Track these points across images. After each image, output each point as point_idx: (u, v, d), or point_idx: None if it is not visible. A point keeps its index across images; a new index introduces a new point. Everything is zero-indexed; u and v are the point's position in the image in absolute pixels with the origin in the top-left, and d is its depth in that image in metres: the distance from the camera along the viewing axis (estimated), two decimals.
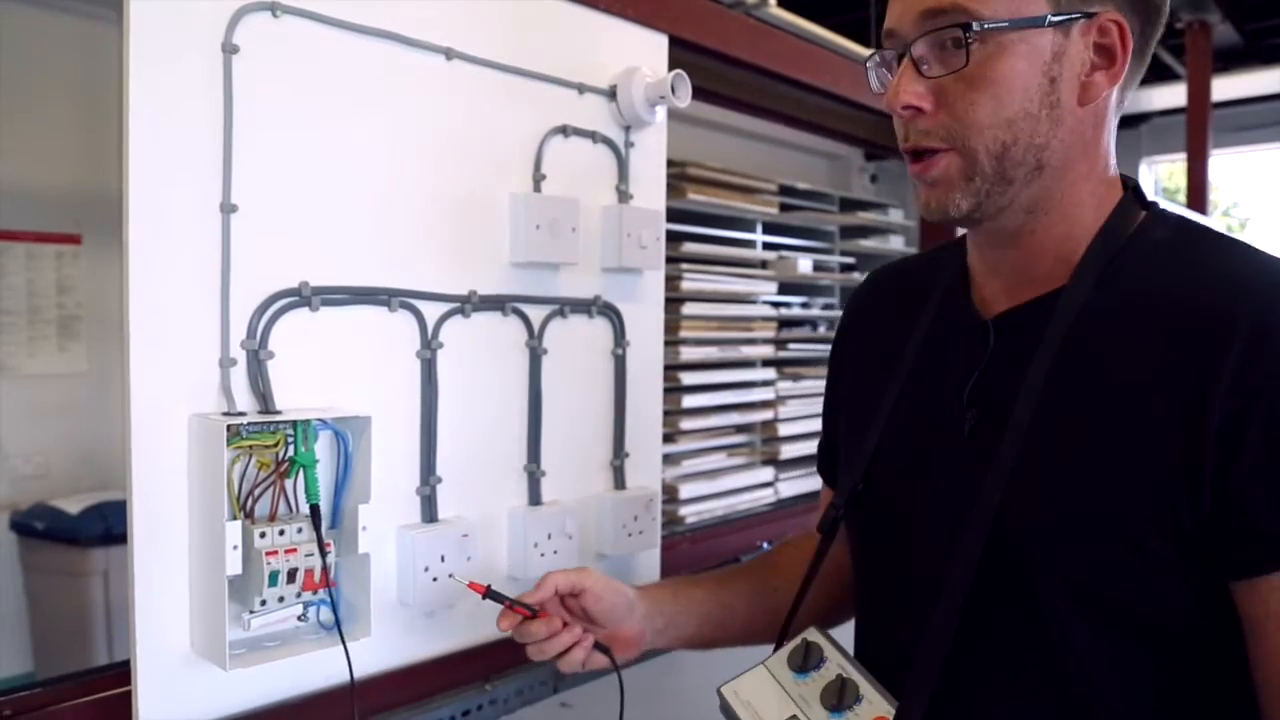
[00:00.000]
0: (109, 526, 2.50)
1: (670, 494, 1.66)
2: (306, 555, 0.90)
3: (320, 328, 0.96)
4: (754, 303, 1.92)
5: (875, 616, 0.85)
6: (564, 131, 1.17)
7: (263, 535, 0.88)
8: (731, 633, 0.99)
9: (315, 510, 0.91)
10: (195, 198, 0.87)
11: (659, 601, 0.96)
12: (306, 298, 0.95)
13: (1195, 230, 0.73)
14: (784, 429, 1.95)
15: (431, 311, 1.05)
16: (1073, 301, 0.70)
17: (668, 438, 1.64)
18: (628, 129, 1.25)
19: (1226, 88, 5.45)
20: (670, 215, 1.37)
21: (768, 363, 1.94)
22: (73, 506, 2.54)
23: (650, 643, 0.97)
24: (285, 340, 0.93)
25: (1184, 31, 4.83)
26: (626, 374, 1.27)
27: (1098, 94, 0.70)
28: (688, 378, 1.72)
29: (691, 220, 1.76)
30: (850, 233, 2.29)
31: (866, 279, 1.00)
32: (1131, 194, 0.75)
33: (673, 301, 1.67)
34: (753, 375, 1.89)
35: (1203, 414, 0.62)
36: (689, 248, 1.74)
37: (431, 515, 1.05)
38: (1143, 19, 0.72)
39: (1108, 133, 0.74)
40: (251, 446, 0.88)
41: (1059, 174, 0.72)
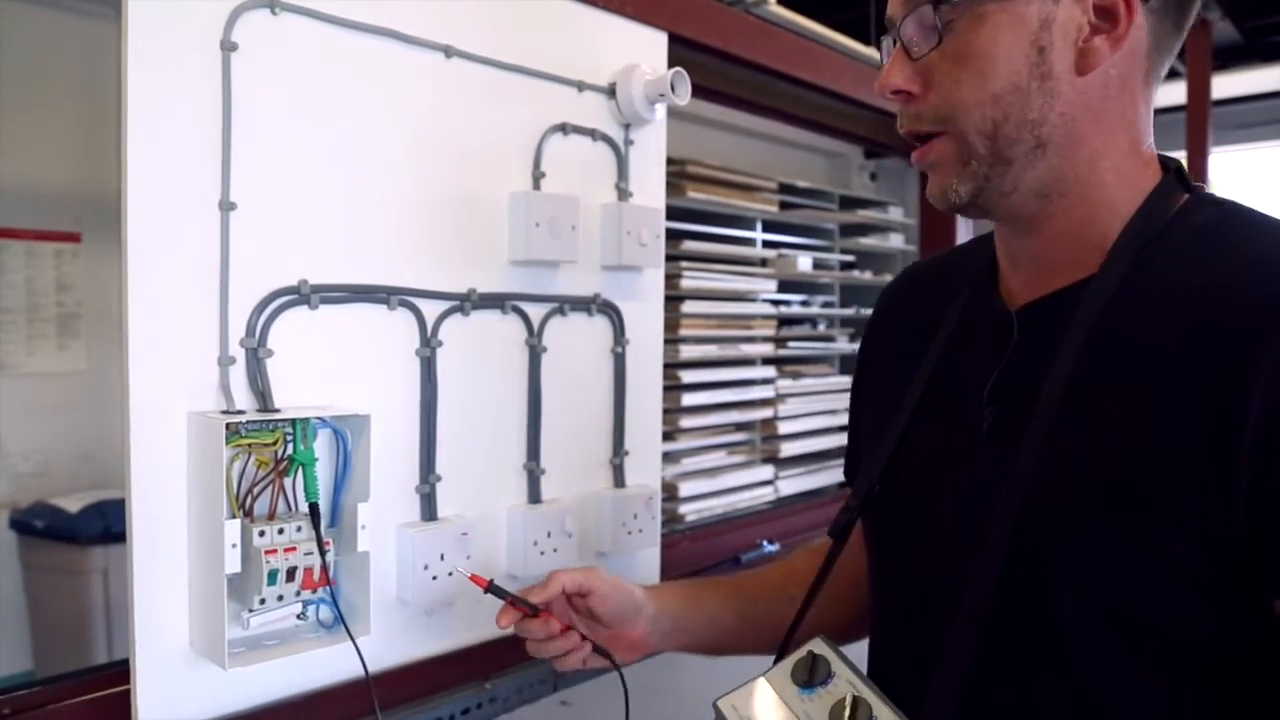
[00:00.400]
0: (108, 525, 2.49)
1: (670, 492, 1.66)
2: (306, 554, 0.89)
3: (319, 326, 0.96)
4: (754, 301, 1.92)
5: (888, 626, 0.81)
6: (563, 129, 1.17)
7: (262, 534, 0.88)
8: (743, 641, 0.96)
9: (314, 509, 0.91)
10: (194, 196, 0.87)
11: (668, 604, 0.95)
12: (305, 296, 0.95)
13: (1240, 213, 0.67)
14: (784, 427, 1.95)
15: (431, 310, 1.05)
16: (1101, 291, 0.66)
17: (667, 436, 1.64)
18: (627, 127, 1.25)
19: (1226, 85, 5.45)
20: (670, 213, 1.37)
21: (768, 361, 1.94)
22: (72, 505, 2.54)
23: (656, 646, 0.96)
24: (284, 338, 0.93)
25: None
26: (626, 372, 1.26)
27: (1098, 60, 0.65)
28: (687, 376, 1.71)
29: (691, 218, 1.76)
30: (850, 230, 2.29)
31: (897, 276, 0.96)
32: (1174, 176, 0.70)
33: (672, 299, 1.67)
34: (752, 373, 1.89)
35: (1239, 409, 0.57)
36: (688, 246, 1.73)
37: (431, 513, 1.05)
38: None
39: (1132, 105, 0.68)
40: (250, 445, 0.88)
41: (1067, 152, 0.67)
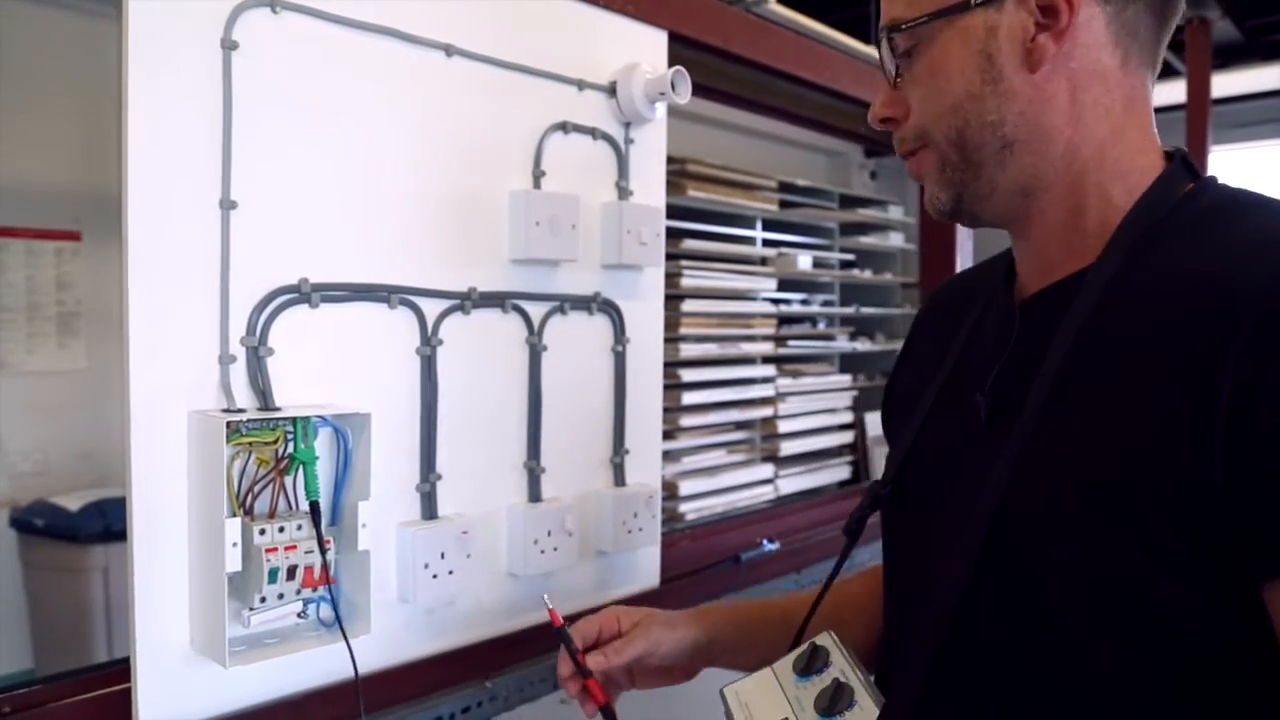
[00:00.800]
0: (108, 523, 2.50)
1: (670, 491, 1.67)
2: (306, 552, 0.89)
3: (320, 324, 0.96)
4: (754, 299, 1.92)
5: (893, 622, 0.82)
6: (564, 128, 1.17)
7: (262, 532, 0.88)
8: None
9: (315, 507, 0.91)
10: (194, 194, 0.87)
11: (720, 633, 0.95)
12: (306, 294, 0.95)
13: (1242, 199, 0.67)
14: (784, 425, 1.96)
15: (431, 308, 1.05)
16: (1097, 280, 0.66)
17: (668, 434, 1.64)
18: (627, 125, 1.25)
19: (1226, 84, 5.44)
20: (670, 212, 1.37)
21: (768, 359, 1.94)
22: (72, 503, 2.54)
23: (706, 666, 0.96)
24: (285, 337, 0.93)
25: (1183, 28, 4.83)
26: (626, 371, 1.27)
27: (1045, 56, 0.67)
28: (688, 375, 1.72)
29: (691, 217, 1.76)
30: (850, 229, 2.29)
31: (932, 293, 0.97)
32: (1180, 164, 0.70)
33: (673, 298, 1.67)
34: (752, 372, 1.89)
35: (1213, 392, 0.56)
36: (689, 244, 1.74)
37: (431, 512, 1.05)
38: None
39: (1107, 94, 0.68)
40: (251, 443, 0.88)
41: (1037, 147, 0.69)
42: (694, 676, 0.97)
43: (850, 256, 2.26)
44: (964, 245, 1.89)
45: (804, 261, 2.07)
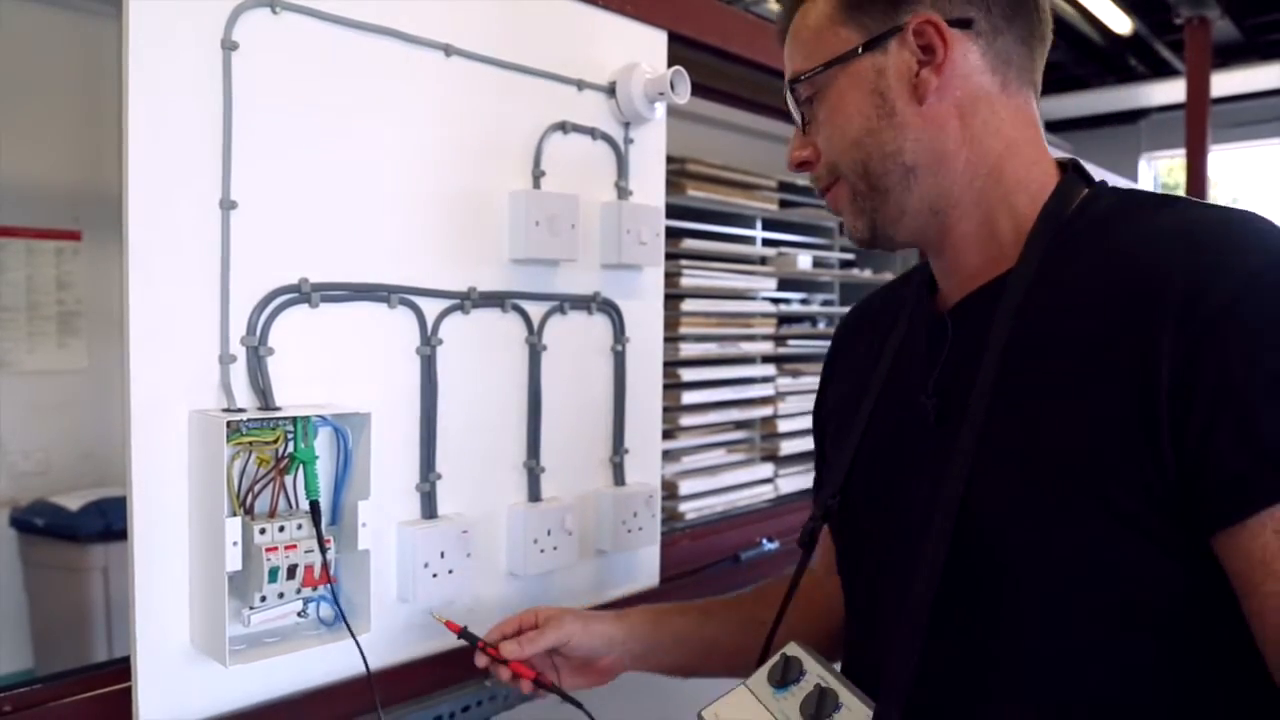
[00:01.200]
0: (109, 523, 2.50)
1: (670, 490, 1.67)
2: (306, 551, 0.90)
3: (320, 324, 0.96)
4: (753, 299, 1.93)
5: (856, 628, 0.85)
6: (563, 128, 1.17)
7: (263, 531, 0.88)
8: (712, 664, 0.99)
9: (315, 506, 0.91)
10: (195, 194, 0.88)
11: (639, 629, 0.97)
12: (306, 294, 0.95)
13: (1138, 197, 0.74)
14: (783, 425, 1.96)
15: (431, 308, 1.05)
16: (1020, 281, 0.72)
17: (667, 434, 1.64)
18: (627, 125, 1.25)
19: (1226, 83, 5.44)
20: (670, 211, 1.37)
21: (767, 359, 1.94)
22: (72, 503, 2.54)
23: (627, 668, 0.98)
24: (285, 337, 0.93)
25: (1183, 27, 4.82)
26: (626, 370, 1.27)
27: (929, 89, 0.74)
28: (687, 374, 1.72)
29: (691, 216, 1.76)
30: None
31: (849, 311, 1.03)
32: (1074, 173, 0.77)
33: (672, 298, 1.67)
34: (752, 371, 1.89)
35: (1154, 368, 0.61)
36: (688, 244, 1.74)
37: (431, 511, 1.06)
38: (981, 2, 0.74)
39: (994, 116, 0.75)
40: (251, 443, 0.88)
41: (938, 170, 0.75)
42: (612, 677, 0.98)
43: (850, 256, 2.26)
44: None
45: (804, 261, 2.07)
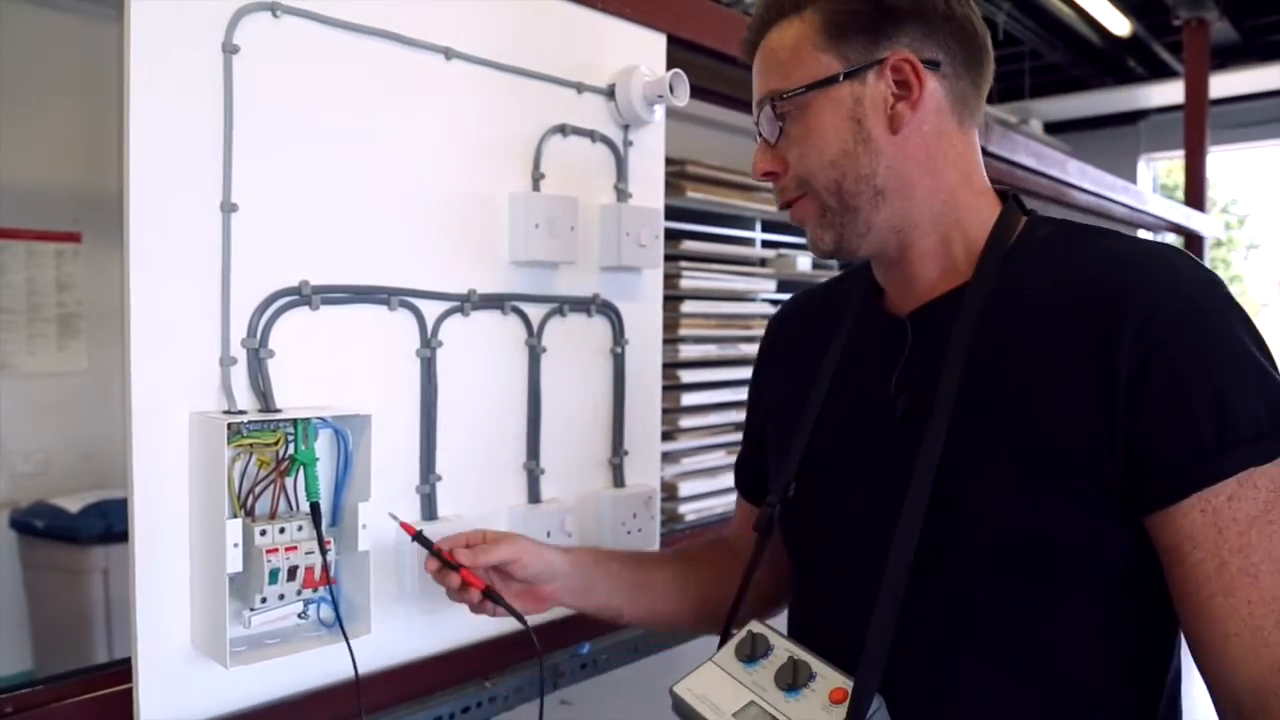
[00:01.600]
0: (109, 525, 2.50)
1: (669, 491, 1.67)
2: (307, 553, 0.90)
3: (320, 326, 0.96)
4: (753, 300, 1.93)
5: (816, 606, 0.90)
6: (563, 130, 1.18)
7: (263, 533, 0.88)
8: (638, 611, 1.03)
9: (315, 508, 0.91)
10: (196, 197, 0.88)
11: (581, 565, 0.99)
12: (307, 296, 0.95)
13: (1073, 227, 0.84)
14: None
15: (431, 310, 1.05)
16: (979, 292, 0.80)
17: (667, 435, 1.65)
18: (626, 128, 1.25)
19: (1224, 85, 5.45)
20: (669, 213, 1.37)
21: None
22: (72, 505, 2.54)
23: (564, 602, 0.99)
24: (285, 339, 0.94)
25: (1182, 29, 4.83)
26: (625, 372, 1.27)
27: (904, 121, 0.81)
28: (687, 376, 1.72)
29: (690, 218, 1.76)
30: None
31: (782, 307, 1.09)
32: (1013, 202, 0.86)
33: (672, 299, 1.67)
34: (751, 373, 1.90)
35: (1112, 372, 0.71)
36: (688, 246, 1.74)
37: (431, 513, 1.06)
38: (946, 46, 0.82)
39: (952, 148, 0.83)
40: (252, 445, 0.89)
41: (904, 194, 0.83)
42: (549, 606, 0.98)
43: None
44: None
45: (803, 262, 2.08)
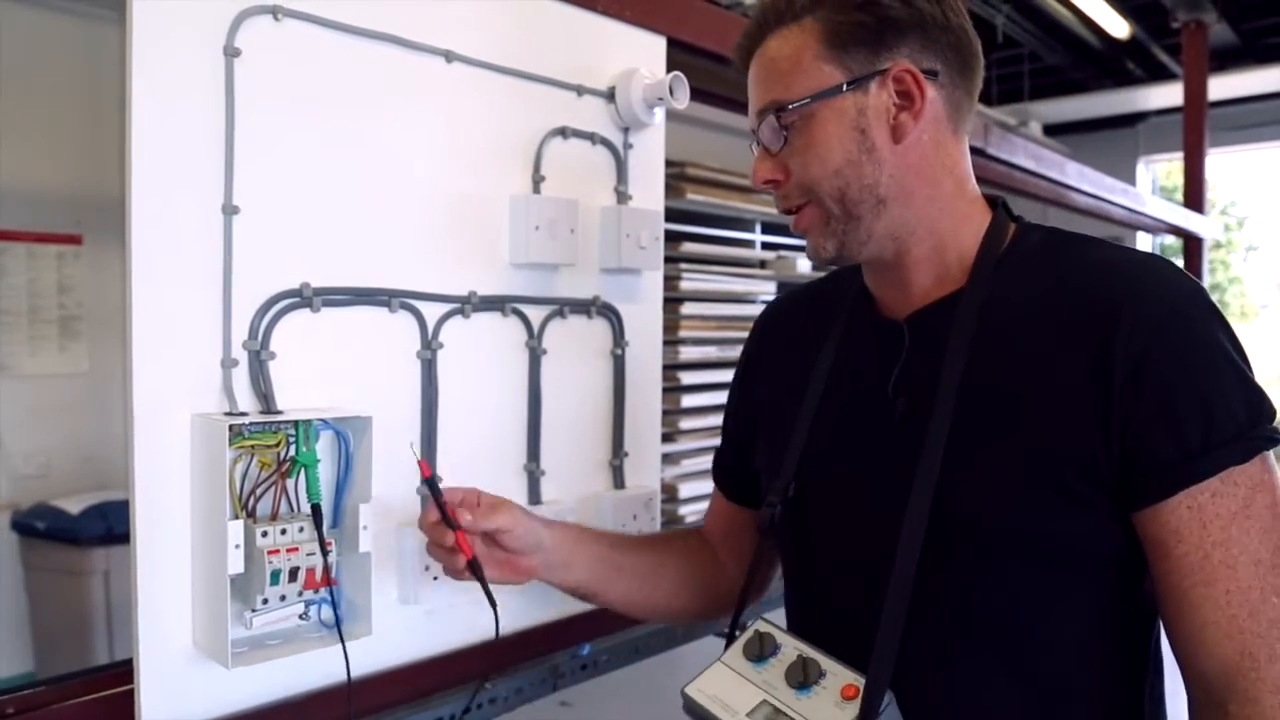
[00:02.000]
0: (110, 526, 2.50)
1: (669, 493, 1.67)
2: (308, 554, 0.90)
3: (321, 328, 0.97)
4: (753, 302, 1.93)
5: (817, 603, 0.91)
6: (563, 133, 1.18)
7: (264, 534, 0.88)
8: (612, 593, 1.02)
9: (316, 509, 0.91)
10: (197, 200, 0.88)
11: (564, 542, 0.99)
12: (308, 299, 0.95)
13: (1062, 234, 0.87)
14: None
15: (432, 312, 1.06)
16: (974, 297, 0.83)
17: (667, 437, 1.65)
18: (626, 130, 1.26)
19: (1223, 87, 5.45)
20: (669, 215, 1.38)
21: None
22: (73, 506, 2.54)
23: (544, 577, 0.99)
24: (287, 341, 0.94)
25: (1181, 31, 4.83)
26: (626, 374, 1.27)
27: (907, 132, 0.82)
28: (687, 377, 1.72)
29: (690, 220, 1.77)
30: None
31: (768, 307, 1.10)
32: (1003, 210, 0.88)
33: (672, 301, 1.68)
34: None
35: (1106, 377, 0.75)
36: (688, 247, 1.74)
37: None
38: (944, 56, 0.83)
39: (949, 157, 0.85)
40: (253, 446, 0.89)
41: (904, 202, 0.84)
42: (527, 579, 0.97)
43: None
44: None
45: (803, 264, 2.08)
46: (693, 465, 1.75)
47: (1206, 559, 0.73)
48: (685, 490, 1.70)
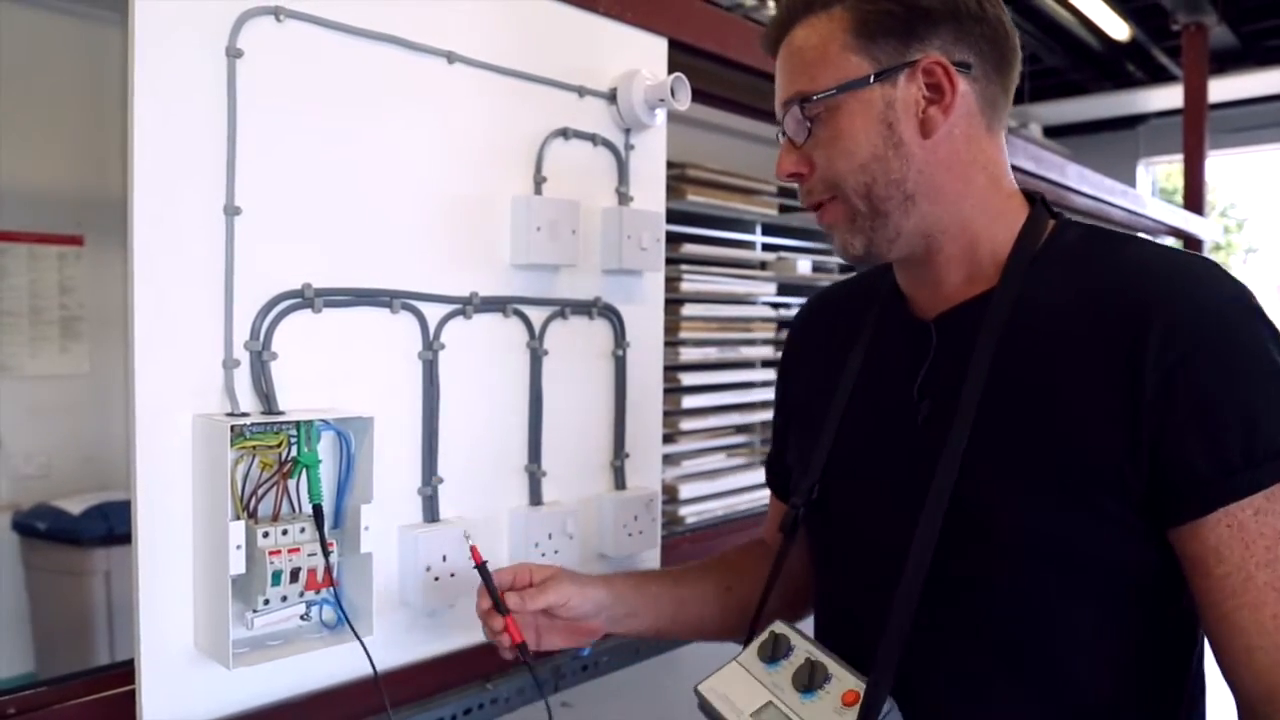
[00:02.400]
0: (111, 527, 2.50)
1: (670, 494, 1.67)
2: (309, 555, 0.90)
3: (323, 329, 0.97)
4: (753, 303, 1.93)
5: (839, 608, 0.90)
6: (564, 134, 1.18)
7: (266, 535, 0.89)
8: (685, 627, 1.03)
9: (318, 510, 0.91)
10: (199, 200, 0.88)
11: (623, 593, 0.99)
12: (309, 299, 0.95)
13: (1101, 232, 0.83)
14: None
15: (433, 313, 1.06)
16: (1005, 297, 0.79)
17: (668, 438, 1.65)
18: (628, 131, 1.26)
19: (1223, 89, 5.46)
20: (670, 216, 1.38)
21: (767, 363, 1.95)
22: (74, 507, 2.55)
23: (608, 630, 0.99)
24: (288, 341, 0.94)
25: (1181, 33, 4.83)
26: (627, 375, 1.27)
27: (936, 125, 0.79)
28: (687, 378, 1.73)
29: (691, 221, 1.77)
30: None
31: (806, 304, 1.08)
32: (1041, 205, 0.85)
33: (673, 302, 1.68)
34: (752, 376, 1.90)
35: (1136, 386, 0.71)
36: (689, 249, 1.75)
37: (433, 515, 1.06)
38: (978, 49, 0.80)
39: (981, 153, 0.82)
40: (255, 447, 0.89)
41: (933, 198, 0.81)
42: (594, 639, 0.98)
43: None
44: None
45: (803, 265, 2.08)
46: (693, 466, 1.76)
47: (1250, 580, 0.70)
48: (686, 491, 1.70)
